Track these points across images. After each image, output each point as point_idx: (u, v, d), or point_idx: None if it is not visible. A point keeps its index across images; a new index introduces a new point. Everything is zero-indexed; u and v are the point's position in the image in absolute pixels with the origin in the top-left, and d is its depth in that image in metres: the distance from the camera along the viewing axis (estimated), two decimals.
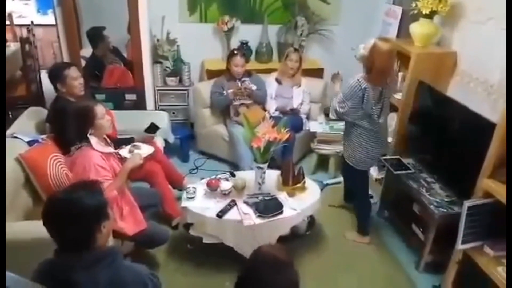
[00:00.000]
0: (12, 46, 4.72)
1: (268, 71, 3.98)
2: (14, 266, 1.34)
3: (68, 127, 2.42)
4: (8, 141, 2.47)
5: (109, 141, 2.54)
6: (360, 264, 2.81)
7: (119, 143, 2.90)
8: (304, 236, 2.92)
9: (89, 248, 1.40)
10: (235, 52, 3.70)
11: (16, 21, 5.68)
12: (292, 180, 2.78)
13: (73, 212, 1.37)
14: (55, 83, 2.80)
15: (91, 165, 2.24)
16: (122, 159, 2.56)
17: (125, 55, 4.06)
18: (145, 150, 2.73)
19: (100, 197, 1.46)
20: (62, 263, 1.38)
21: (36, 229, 2.10)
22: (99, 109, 2.35)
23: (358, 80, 2.54)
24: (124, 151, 2.66)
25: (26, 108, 3.07)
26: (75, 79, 2.79)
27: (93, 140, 2.32)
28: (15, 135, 2.59)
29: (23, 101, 3.99)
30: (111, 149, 2.48)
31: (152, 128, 3.07)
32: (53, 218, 1.38)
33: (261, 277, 1.30)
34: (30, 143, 2.56)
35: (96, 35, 3.83)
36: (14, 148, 2.41)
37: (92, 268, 1.37)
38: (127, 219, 2.35)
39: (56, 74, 2.79)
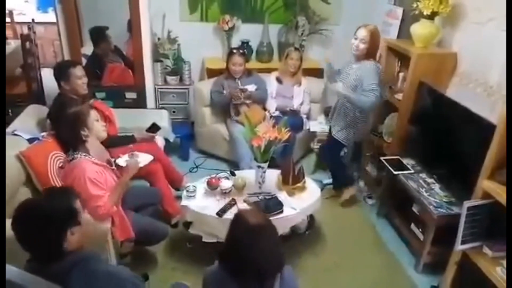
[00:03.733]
0: (12, 44, 4.73)
1: (269, 70, 3.98)
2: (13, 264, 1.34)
3: (66, 129, 2.41)
4: (8, 139, 2.46)
5: (102, 147, 2.51)
6: (359, 264, 2.81)
7: (119, 141, 2.91)
8: (304, 236, 2.93)
9: (58, 256, 1.37)
10: (234, 51, 3.71)
11: (17, 18, 5.70)
12: (292, 179, 2.78)
13: (38, 218, 1.35)
14: (59, 81, 2.80)
15: (86, 179, 2.17)
16: (119, 168, 2.51)
17: (124, 52, 4.05)
18: (143, 158, 2.67)
19: (68, 203, 1.43)
20: (33, 272, 1.34)
21: None
22: (91, 114, 2.33)
23: (375, 64, 2.91)
24: (121, 161, 2.57)
25: (26, 106, 3.07)
26: (80, 78, 2.80)
27: (90, 148, 2.29)
28: (15, 132, 2.59)
29: (23, 98, 3.99)
30: (107, 157, 2.47)
31: (154, 128, 3.08)
32: (20, 226, 1.37)
33: (241, 244, 1.43)
34: (30, 140, 2.56)
35: (98, 35, 3.83)
36: (14, 146, 2.41)
37: (64, 276, 1.34)
38: (116, 228, 2.31)
39: (61, 72, 2.79)
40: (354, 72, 2.96)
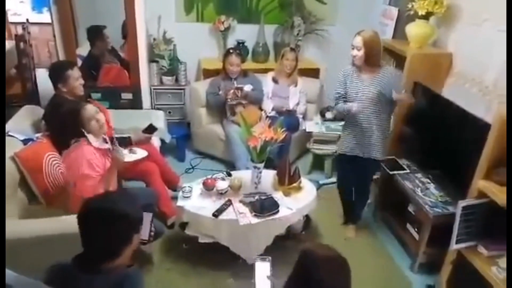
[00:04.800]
0: (7, 44, 4.70)
1: (265, 71, 3.99)
2: (9, 265, 1.33)
3: (62, 126, 2.42)
4: None
5: (107, 139, 2.53)
6: (354, 264, 2.76)
7: (116, 142, 2.90)
8: (300, 236, 2.92)
9: (114, 258, 1.38)
10: (230, 51, 3.72)
11: (11, 19, 5.67)
12: (288, 179, 2.79)
13: (113, 218, 1.37)
14: (56, 83, 2.77)
15: (83, 159, 2.26)
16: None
17: (120, 53, 4.05)
18: (140, 153, 2.73)
19: (139, 211, 1.48)
20: (80, 279, 1.35)
21: (32, 227, 2.11)
22: (89, 109, 2.34)
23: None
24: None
25: (20, 107, 3.05)
26: (77, 79, 2.78)
27: (90, 136, 2.33)
28: (10, 133, 2.57)
29: (18, 99, 3.98)
30: (107, 146, 2.47)
31: (150, 129, 3.07)
32: (93, 219, 1.37)
33: (311, 276, 1.35)
34: (25, 141, 2.54)
35: (95, 33, 3.82)
36: (9, 147, 2.39)
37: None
38: None
39: (58, 74, 2.76)
40: (370, 84, 2.60)
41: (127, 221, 1.40)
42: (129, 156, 2.70)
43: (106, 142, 2.50)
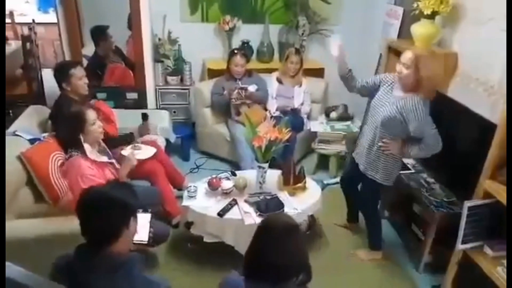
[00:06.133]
0: (13, 45, 4.74)
1: (269, 70, 3.99)
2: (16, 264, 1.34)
3: (64, 128, 2.43)
4: (10, 139, 2.47)
5: (103, 146, 2.53)
6: (359, 264, 2.81)
7: (119, 141, 2.92)
8: (304, 236, 2.92)
9: (111, 241, 1.41)
10: (235, 51, 3.73)
11: (18, 19, 5.71)
12: (293, 179, 2.79)
13: (109, 202, 1.41)
14: (60, 82, 2.79)
15: (81, 176, 2.20)
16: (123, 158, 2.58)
17: (124, 51, 4.06)
18: (146, 151, 2.76)
19: (134, 194, 1.53)
20: (83, 263, 1.39)
21: (38, 227, 2.13)
22: (90, 114, 2.33)
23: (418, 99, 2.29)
24: (125, 152, 2.69)
25: (27, 107, 3.08)
26: (80, 78, 2.80)
27: (87, 148, 2.29)
28: (16, 133, 2.59)
29: (24, 99, 4.01)
30: (105, 159, 2.46)
31: (143, 117, 3.09)
32: (90, 205, 1.42)
33: (275, 243, 1.43)
34: (31, 141, 2.56)
35: (99, 33, 3.83)
36: (16, 146, 2.41)
37: (112, 273, 1.38)
38: None
39: (62, 73, 2.78)
40: (396, 102, 2.36)
41: (122, 202, 1.44)
42: (135, 153, 2.71)
43: (105, 153, 2.49)
